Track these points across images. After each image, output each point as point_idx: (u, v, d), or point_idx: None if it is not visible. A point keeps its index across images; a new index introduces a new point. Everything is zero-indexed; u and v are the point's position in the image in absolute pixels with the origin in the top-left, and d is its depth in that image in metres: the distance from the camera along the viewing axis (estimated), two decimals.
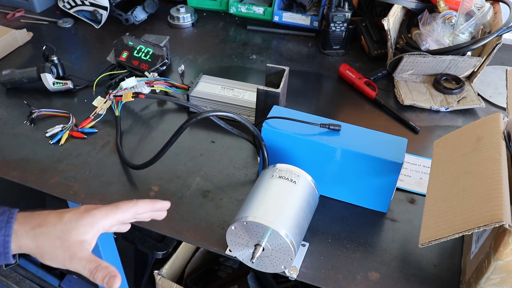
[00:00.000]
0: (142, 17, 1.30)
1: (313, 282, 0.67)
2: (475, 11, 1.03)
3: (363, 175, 0.74)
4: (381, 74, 1.10)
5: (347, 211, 0.78)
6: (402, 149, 0.72)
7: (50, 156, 0.87)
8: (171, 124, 0.96)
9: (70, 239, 0.50)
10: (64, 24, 1.30)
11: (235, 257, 0.68)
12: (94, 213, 0.52)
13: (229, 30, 1.32)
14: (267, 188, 0.67)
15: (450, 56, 1.00)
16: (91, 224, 0.51)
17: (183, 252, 1.17)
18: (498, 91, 1.08)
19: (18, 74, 1.02)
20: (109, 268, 0.50)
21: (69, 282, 1.48)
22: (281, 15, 1.29)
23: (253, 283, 1.12)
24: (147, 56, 1.06)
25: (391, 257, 0.71)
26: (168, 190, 0.81)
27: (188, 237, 0.73)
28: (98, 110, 0.95)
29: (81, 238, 0.50)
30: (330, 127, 0.74)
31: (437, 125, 0.98)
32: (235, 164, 0.87)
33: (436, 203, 0.60)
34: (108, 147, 0.90)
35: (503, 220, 0.49)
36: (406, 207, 0.79)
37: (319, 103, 1.06)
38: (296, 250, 0.62)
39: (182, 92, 0.99)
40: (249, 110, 0.94)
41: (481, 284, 0.59)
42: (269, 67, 0.93)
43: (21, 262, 1.55)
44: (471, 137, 0.64)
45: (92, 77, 1.05)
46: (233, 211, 0.77)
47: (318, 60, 1.19)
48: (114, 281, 0.50)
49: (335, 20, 1.14)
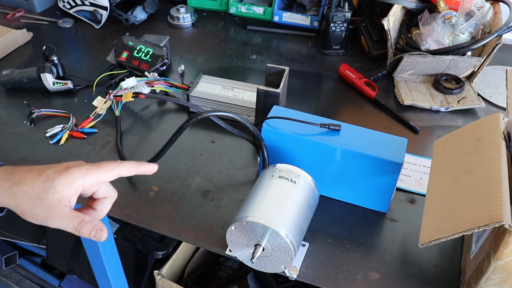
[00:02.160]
0: (142, 17, 1.30)
1: (313, 282, 0.67)
2: (475, 11, 1.03)
3: (363, 175, 0.74)
4: (381, 74, 1.10)
5: (347, 211, 0.78)
6: (402, 149, 0.72)
7: (50, 156, 0.88)
8: (171, 124, 0.96)
9: (48, 198, 0.49)
10: (64, 24, 1.30)
11: (235, 257, 0.68)
12: (72, 171, 0.50)
13: (229, 30, 1.32)
14: (267, 188, 0.67)
15: (450, 56, 1.00)
16: (68, 183, 0.50)
17: (183, 252, 1.17)
18: (498, 91, 1.08)
19: (18, 74, 1.02)
20: (94, 221, 0.50)
21: (69, 282, 1.48)
22: (281, 15, 1.29)
23: (253, 283, 1.12)
24: (147, 56, 1.06)
25: (391, 257, 0.71)
26: (168, 190, 0.81)
27: (188, 237, 0.73)
28: (98, 110, 0.95)
29: (58, 196, 0.49)
30: (330, 127, 0.74)
31: (437, 125, 0.98)
32: (235, 164, 0.87)
33: (436, 203, 0.60)
34: (108, 147, 0.90)
35: (503, 220, 0.49)
36: (406, 207, 0.79)
37: (319, 103, 1.06)
38: (296, 250, 0.62)
39: (182, 92, 0.99)
40: (249, 110, 0.94)
41: (481, 284, 0.59)
42: (269, 67, 0.93)
43: (21, 262, 1.55)
44: (471, 137, 0.64)
45: (92, 77, 1.05)
46: (233, 211, 0.77)
47: (318, 60, 1.19)
48: (101, 233, 0.50)
49: (335, 20, 1.14)
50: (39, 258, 1.56)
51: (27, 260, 1.55)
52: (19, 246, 1.54)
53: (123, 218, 0.76)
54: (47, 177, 0.49)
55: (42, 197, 0.49)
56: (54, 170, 0.50)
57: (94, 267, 1.06)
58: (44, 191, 0.49)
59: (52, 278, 1.51)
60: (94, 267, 1.06)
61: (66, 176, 0.50)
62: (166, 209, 0.78)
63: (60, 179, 0.50)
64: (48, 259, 1.44)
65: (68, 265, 1.39)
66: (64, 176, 0.50)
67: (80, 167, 0.51)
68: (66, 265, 1.40)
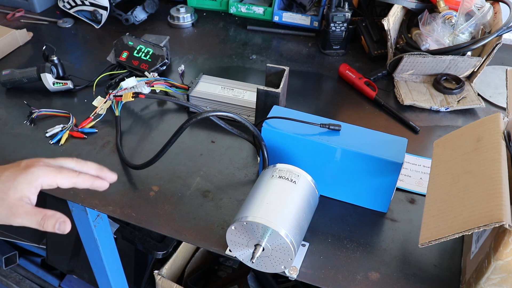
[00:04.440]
0: (142, 17, 1.30)
1: (313, 282, 0.67)
2: (475, 11, 1.03)
3: (363, 175, 0.74)
4: (381, 74, 1.10)
5: (347, 211, 0.78)
6: (402, 149, 0.72)
7: (50, 156, 0.87)
8: (171, 124, 0.96)
9: (9, 198, 0.50)
10: (64, 24, 1.30)
11: (235, 257, 0.68)
12: (33, 171, 0.52)
13: (229, 30, 1.32)
14: (267, 188, 0.67)
15: (450, 56, 1.00)
16: (28, 181, 0.51)
17: (183, 252, 1.17)
18: (498, 91, 1.08)
19: (18, 74, 1.02)
20: (56, 214, 0.52)
21: (69, 282, 1.48)
22: (281, 15, 1.29)
23: (253, 283, 1.12)
24: (147, 56, 1.06)
25: (391, 257, 0.71)
26: (168, 190, 0.81)
27: (188, 237, 0.73)
28: (98, 110, 0.95)
29: (19, 195, 0.51)
30: (330, 127, 0.74)
31: (437, 125, 0.98)
32: (235, 164, 0.87)
33: (436, 203, 0.60)
34: (108, 147, 0.90)
35: (503, 220, 0.49)
36: (406, 207, 0.79)
37: (319, 103, 1.06)
38: (296, 250, 0.63)
39: (182, 92, 0.99)
40: (249, 110, 0.94)
41: (481, 284, 0.59)
42: (269, 67, 0.93)
43: (21, 262, 1.55)
44: (471, 137, 0.64)
45: (92, 77, 1.05)
46: (233, 211, 0.77)
47: (318, 60, 1.19)
48: (65, 226, 0.52)
49: (335, 20, 1.14)
50: (39, 258, 1.56)
51: (27, 260, 1.56)
52: (19, 246, 1.54)
53: (123, 218, 0.76)
54: (6, 178, 0.51)
55: (3, 197, 0.50)
56: (13, 170, 0.52)
57: (94, 267, 1.06)
58: (5, 191, 0.50)
59: (52, 278, 1.51)
60: (94, 267, 1.06)
61: (27, 176, 0.51)
62: (166, 209, 0.78)
63: (20, 179, 0.51)
64: (48, 259, 1.44)
65: (68, 265, 1.40)
66: (25, 175, 0.51)
67: (40, 167, 0.53)
68: (66, 265, 1.40)
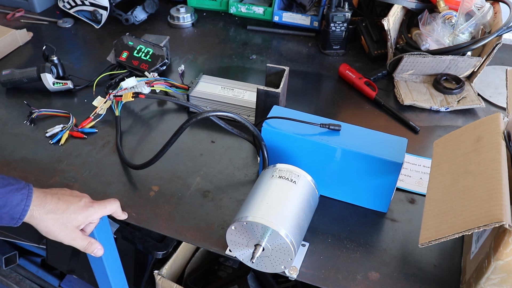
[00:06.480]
0: (142, 17, 1.30)
1: (313, 282, 0.67)
2: (475, 11, 1.03)
3: (363, 175, 0.74)
4: (381, 74, 1.10)
5: (347, 211, 0.78)
6: (402, 149, 0.72)
7: (50, 156, 0.88)
8: (171, 124, 0.96)
9: (72, 226, 0.69)
10: (64, 24, 1.30)
11: (235, 257, 0.68)
12: (89, 210, 0.71)
13: (229, 30, 1.32)
14: (267, 188, 0.67)
15: (450, 56, 1.00)
16: (86, 216, 0.70)
17: (183, 252, 1.17)
18: (498, 91, 1.08)
19: (18, 74, 1.02)
20: (97, 243, 0.73)
21: (69, 282, 1.48)
22: (281, 15, 1.29)
23: (253, 283, 1.12)
24: (147, 56, 1.06)
25: (391, 257, 0.71)
26: (168, 190, 0.81)
27: (188, 237, 0.73)
28: (98, 110, 0.95)
29: (77, 225, 0.70)
30: (330, 127, 0.74)
31: (437, 125, 0.98)
32: (235, 164, 0.87)
33: (436, 203, 0.60)
34: (108, 147, 0.90)
35: (503, 220, 0.49)
36: (406, 207, 0.79)
37: (319, 103, 1.06)
38: (296, 250, 0.62)
39: (182, 92, 0.99)
40: (249, 110, 0.94)
41: (481, 284, 0.59)
42: (269, 67, 0.93)
43: (21, 262, 1.55)
44: (471, 137, 0.64)
45: (92, 77, 1.05)
46: (233, 211, 0.77)
47: (318, 60, 1.19)
48: (101, 252, 0.74)
49: (335, 20, 1.14)
50: (39, 258, 1.55)
51: (27, 260, 1.55)
52: (19, 246, 1.54)
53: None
54: (73, 211, 0.69)
55: (68, 225, 0.68)
56: (77, 206, 0.70)
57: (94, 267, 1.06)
58: (70, 221, 0.68)
59: (52, 278, 1.51)
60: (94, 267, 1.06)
61: (86, 212, 0.70)
62: (166, 209, 0.78)
63: (82, 214, 0.70)
64: (48, 259, 1.44)
65: (68, 265, 1.39)
66: (85, 212, 0.70)
67: (94, 206, 0.71)
68: (66, 265, 1.40)
